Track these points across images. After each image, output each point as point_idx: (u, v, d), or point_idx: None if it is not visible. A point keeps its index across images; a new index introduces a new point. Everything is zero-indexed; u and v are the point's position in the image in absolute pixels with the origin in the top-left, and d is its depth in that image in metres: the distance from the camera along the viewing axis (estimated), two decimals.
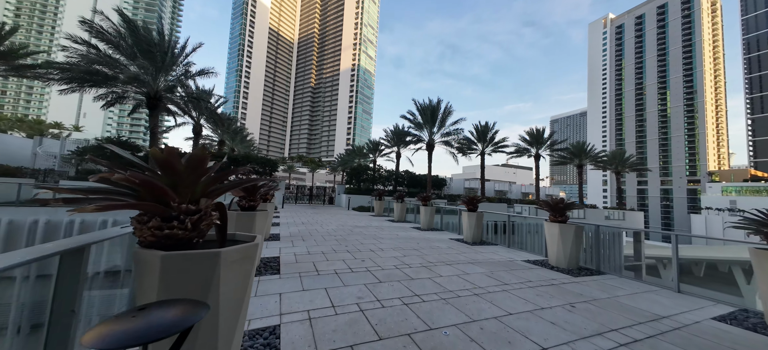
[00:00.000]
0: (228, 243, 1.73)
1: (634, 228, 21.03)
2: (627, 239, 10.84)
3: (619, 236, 5.86)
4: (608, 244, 5.65)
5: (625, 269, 6.51)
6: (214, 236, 1.81)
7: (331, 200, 25.81)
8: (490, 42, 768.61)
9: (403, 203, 12.76)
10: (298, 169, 70.61)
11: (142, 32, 12.13)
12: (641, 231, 16.65)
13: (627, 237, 11.16)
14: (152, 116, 13.65)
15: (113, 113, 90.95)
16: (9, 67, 11.14)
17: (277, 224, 9.14)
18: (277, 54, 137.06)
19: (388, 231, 9.05)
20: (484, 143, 24.78)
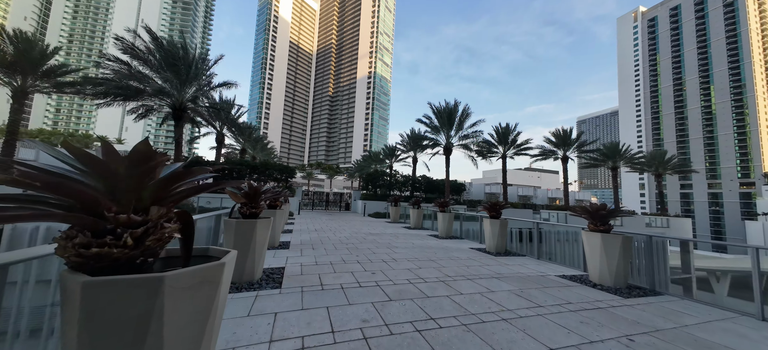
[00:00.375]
0: (193, 261, 1.39)
1: (681, 237, 18.77)
2: (671, 249, 9.50)
3: (665, 247, 4.96)
4: (653, 255, 4.78)
5: (672, 282, 5.54)
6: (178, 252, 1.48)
7: (347, 206, 25.71)
8: (507, 43, 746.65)
9: (420, 209, 12.20)
10: (316, 175, 72.05)
11: (167, 47, 12.78)
12: (691, 241, 14.74)
13: (671, 247, 9.79)
14: (177, 127, 14.28)
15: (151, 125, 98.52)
16: (51, 85, 12.25)
17: (289, 231, 8.97)
18: (297, 66, 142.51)
19: (403, 239, 8.55)
20: (505, 146, 23.56)
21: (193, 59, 13.80)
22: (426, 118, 21.63)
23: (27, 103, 61.11)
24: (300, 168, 70.21)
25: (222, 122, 19.10)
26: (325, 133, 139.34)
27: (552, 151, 26.23)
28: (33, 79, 11.61)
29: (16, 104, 11.52)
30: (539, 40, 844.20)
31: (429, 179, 25.08)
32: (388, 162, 33.34)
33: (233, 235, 3.60)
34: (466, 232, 10.40)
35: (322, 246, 6.65)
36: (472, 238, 9.63)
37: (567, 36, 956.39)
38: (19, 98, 11.53)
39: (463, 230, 10.15)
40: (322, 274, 4.32)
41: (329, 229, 10.27)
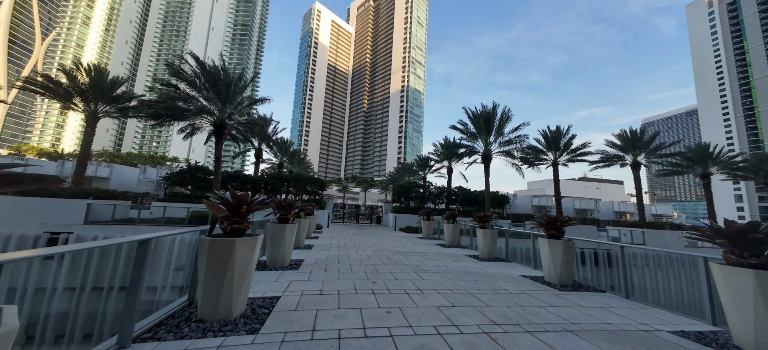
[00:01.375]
0: None
1: None
2: None
3: None
4: None
5: None
6: None
7: (378, 219, 24.82)
8: (549, 47, 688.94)
9: (456, 225, 10.66)
10: (351, 189, 73.23)
11: (208, 69, 13.76)
12: None
13: None
14: (217, 144, 15.14)
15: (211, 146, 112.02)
16: (117, 111, 14.12)
17: (309, 247, 8.28)
18: (334, 86, 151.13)
19: (435, 260, 7.19)
20: (556, 152, 20.47)
21: (232, 79, 14.65)
22: (461, 124, 19.97)
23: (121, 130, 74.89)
24: (336, 182, 72.18)
25: (259, 138, 20.08)
26: (361, 147, 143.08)
27: (618, 156, 22.09)
28: (103, 105, 13.54)
29: (89, 127, 13.46)
30: (587, 39, 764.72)
31: (466, 191, 22.96)
32: (421, 174, 31.86)
33: (206, 258, 2.82)
34: (514, 253, 8.57)
35: (337, 268, 5.71)
36: (522, 261, 7.82)
37: (620, 33, 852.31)
38: (91, 122, 13.48)
39: (510, 251, 8.35)
40: (322, 310, 3.33)
41: (353, 245, 9.36)
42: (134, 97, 14.36)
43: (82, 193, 12.04)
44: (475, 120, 18.40)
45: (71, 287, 3.05)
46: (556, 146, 20.02)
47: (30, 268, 3.62)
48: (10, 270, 1.92)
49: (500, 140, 18.63)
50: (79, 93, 12.83)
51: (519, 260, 7.91)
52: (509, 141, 18.12)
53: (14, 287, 3.14)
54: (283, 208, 5.72)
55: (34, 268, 3.80)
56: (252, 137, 19.25)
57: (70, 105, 13.07)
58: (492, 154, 18.93)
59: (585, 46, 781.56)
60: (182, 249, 3.57)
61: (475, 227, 9.18)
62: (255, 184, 18.80)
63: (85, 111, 13.29)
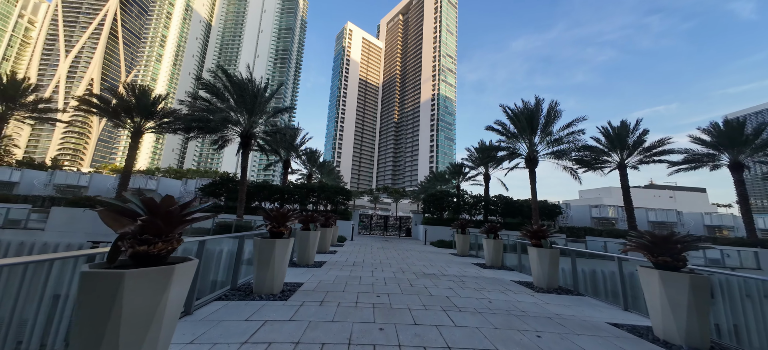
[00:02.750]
0: None
1: None
2: None
3: None
4: None
5: None
6: None
7: (408, 231, 23.10)
8: (596, 44, 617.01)
9: (498, 240, 8.64)
10: (383, 200, 72.54)
11: (235, 80, 13.98)
12: None
13: None
14: (244, 154, 15.25)
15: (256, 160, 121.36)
16: (157, 125, 15.17)
17: (318, 265, 7.12)
18: (365, 99, 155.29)
19: (473, 289, 5.45)
20: (622, 152, 16.79)
21: (258, 89, 14.76)
22: (498, 125, 17.63)
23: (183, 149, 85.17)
24: (367, 193, 72.18)
25: (286, 149, 20.17)
26: (392, 158, 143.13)
27: (709, 155, 17.44)
28: (145, 121, 14.68)
29: (133, 141, 14.59)
30: (641, 32, 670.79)
31: (507, 200, 20.16)
32: (454, 182, 29.50)
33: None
34: (585, 280, 6.36)
35: (339, 298, 4.37)
36: (597, 294, 5.64)
37: (683, 21, 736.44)
38: (135, 137, 14.62)
39: (577, 278, 6.16)
40: None
41: (371, 263, 7.97)
42: (171, 113, 15.33)
43: None
44: (515, 118, 15.99)
45: None
46: (621, 145, 16.42)
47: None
48: None
49: (548, 140, 15.85)
50: (124, 109, 14.11)
51: (594, 294, 5.72)
52: (559, 140, 15.24)
53: None
54: (276, 219, 4.62)
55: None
56: (279, 147, 19.35)
57: (118, 122, 14.45)
58: (538, 157, 16.18)
59: (640, 40, 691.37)
60: None
61: (525, 244, 7.16)
62: (282, 194, 18.71)
63: (131, 127, 14.56)
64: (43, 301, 2.60)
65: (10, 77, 13.95)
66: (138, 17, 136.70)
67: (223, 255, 4.65)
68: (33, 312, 2.56)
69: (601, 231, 18.71)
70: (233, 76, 14.15)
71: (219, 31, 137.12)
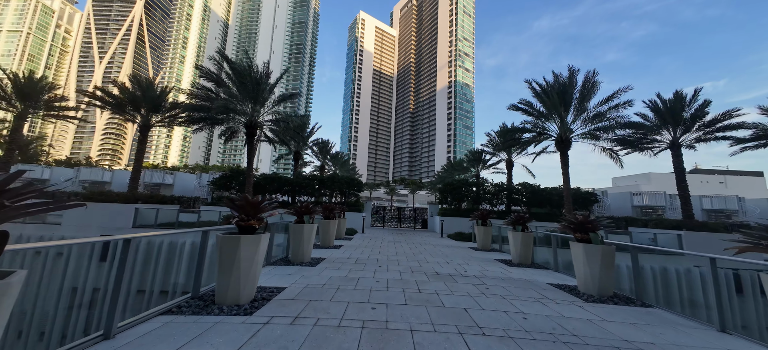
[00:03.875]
0: None
1: None
2: None
3: None
4: None
5: None
6: None
7: (423, 223, 21.89)
8: (631, 18, 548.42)
9: (528, 233, 7.25)
10: (399, 191, 71.53)
11: (235, 66, 13.29)
12: None
13: None
14: (249, 144, 14.69)
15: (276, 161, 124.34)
16: (165, 118, 14.99)
17: (315, 262, 6.19)
18: (380, 90, 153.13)
19: (498, 299, 4.23)
20: (676, 129, 14.27)
21: (260, 77, 14.01)
22: (523, 104, 15.68)
23: (208, 146, 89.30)
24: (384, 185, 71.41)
25: (294, 139, 19.53)
26: (408, 150, 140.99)
27: None
28: (152, 114, 14.56)
29: (142, 135, 14.54)
30: (684, 2, 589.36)
31: (533, 188, 18.26)
32: (473, 171, 27.68)
33: None
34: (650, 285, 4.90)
35: (322, 312, 3.36)
36: (670, 304, 4.22)
37: None
38: (143, 131, 14.56)
39: (643, 282, 4.70)
40: None
41: (378, 260, 6.95)
42: (176, 105, 15.05)
43: (133, 198, 12.66)
44: (544, 94, 14.01)
45: None
46: (676, 120, 13.90)
47: None
48: None
49: (584, 117, 13.77)
50: (131, 102, 14.02)
51: (666, 304, 4.29)
52: (599, 116, 13.10)
53: None
54: (243, 209, 3.66)
55: None
56: (288, 138, 18.72)
57: (126, 116, 14.45)
58: (572, 137, 14.16)
59: (681, 11, 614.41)
60: None
61: (563, 237, 5.78)
62: (292, 186, 18.19)
63: (139, 120, 14.48)
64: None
65: (27, 77, 14.32)
66: (161, 21, 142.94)
67: (185, 254, 3.79)
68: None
69: (647, 221, 16.39)
70: (234, 63, 13.48)
71: (236, 30, 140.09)
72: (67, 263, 10.71)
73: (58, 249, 10.93)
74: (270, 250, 5.81)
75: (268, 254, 5.79)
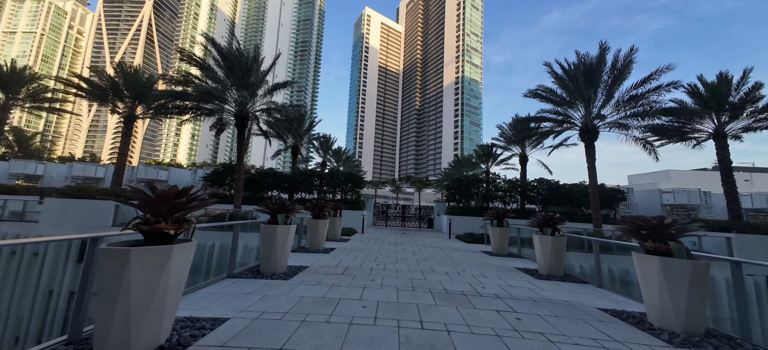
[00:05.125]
0: None
1: None
2: None
3: None
4: None
5: None
6: None
7: (430, 222, 20.47)
8: (645, 10, 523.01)
9: (560, 237, 5.79)
10: (405, 189, 70.05)
11: (224, 51, 12.12)
12: None
13: None
14: (240, 136, 13.56)
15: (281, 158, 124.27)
16: (150, 110, 13.96)
17: (294, 272, 4.90)
18: (386, 87, 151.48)
19: (540, 343, 2.83)
20: (721, 116, 12.40)
21: (250, 60, 12.82)
22: (542, 90, 14.00)
23: (216, 146, 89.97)
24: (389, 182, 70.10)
25: (292, 133, 18.35)
26: (414, 147, 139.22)
27: None
28: (137, 104, 13.60)
29: (126, 127, 13.59)
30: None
31: (550, 184, 16.60)
32: (482, 166, 26.07)
33: None
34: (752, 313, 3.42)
35: None
36: None
37: None
38: (128, 123, 13.61)
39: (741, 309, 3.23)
40: None
41: (373, 270, 5.62)
42: (164, 94, 13.93)
43: (113, 194, 11.69)
44: (569, 78, 12.33)
45: None
46: (720, 105, 12.03)
47: None
48: None
49: (613, 102, 12.04)
50: (113, 90, 13.04)
51: None
52: (635, 98, 11.31)
53: None
54: (153, 206, 2.37)
55: None
56: (284, 132, 17.53)
57: (109, 106, 13.50)
58: (598, 127, 12.45)
59: (698, 3, 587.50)
60: None
61: (608, 243, 4.34)
62: (290, 182, 17.05)
63: (123, 111, 13.49)
64: None
65: (10, 67, 13.55)
66: (170, 20, 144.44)
67: None
68: None
69: None
70: (221, 47, 12.31)
71: (242, 28, 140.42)
72: (43, 263, 9.84)
73: (34, 249, 10.06)
74: (234, 259, 4.56)
75: (231, 265, 4.54)
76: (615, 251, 6.74)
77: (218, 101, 12.46)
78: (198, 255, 7.81)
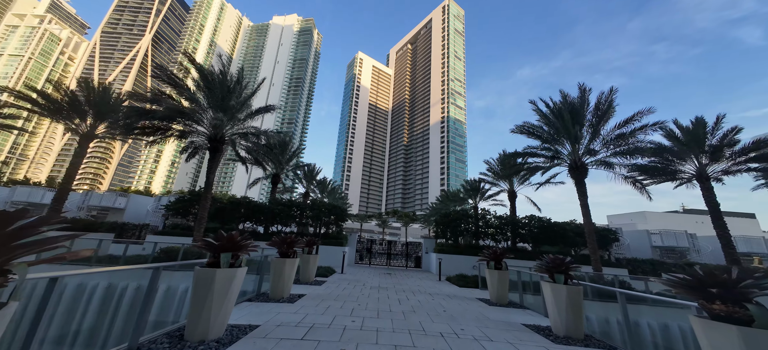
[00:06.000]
0: None
1: None
2: None
3: None
4: None
5: None
6: None
7: (417, 261, 18.96)
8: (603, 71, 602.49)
9: (575, 287, 4.79)
10: (391, 224, 68.05)
11: (204, 71, 11.45)
12: None
13: None
14: (211, 160, 12.34)
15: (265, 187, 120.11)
16: (116, 127, 12.58)
17: (230, 341, 3.54)
18: (375, 123, 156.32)
19: None
20: (702, 156, 12.61)
21: (232, 81, 12.17)
22: (529, 127, 14.07)
23: (197, 172, 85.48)
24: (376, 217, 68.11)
25: (273, 161, 17.27)
26: (401, 182, 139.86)
27: None
28: (99, 123, 12.25)
29: (80, 147, 12.05)
30: (648, 59, 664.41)
31: (543, 222, 15.98)
32: (470, 202, 25.50)
33: None
34: None
35: None
36: None
37: (691, 48, 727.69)
38: (84, 142, 12.10)
39: None
40: None
41: (347, 332, 4.29)
42: (129, 113, 12.60)
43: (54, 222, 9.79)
44: (554, 116, 12.41)
45: None
46: (700, 147, 12.29)
47: None
48: None
49: (599, 141, 12.04)
50: (70, 105, 11.66)
51: None
52: (622, 137, 11.33)
53: None
54: None
55: None
56: (264, 159, 16.44)
57: (65, 123, 12.01)
58: (587, 163, 12.28)
59: (648, 66, 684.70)
60: None
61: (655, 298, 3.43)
62: (267, 213, 15.50)
63: (85, 129, 11.90)
64: None
65: None
66: (167, 53, 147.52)
67: None
68: None
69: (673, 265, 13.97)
70: (201, 66, 11.67)
71: (238, 63, 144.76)
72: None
73: None
74: (144, 318, 3.21)
75: (139, 328, 3.18)
76: (639, 301, 5.76)
77: (190, 122, 11.43)
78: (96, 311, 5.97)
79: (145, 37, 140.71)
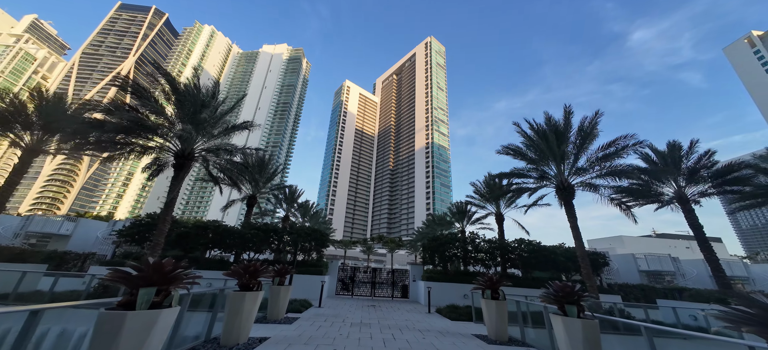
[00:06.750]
0: None
1: None
2: None
3: None
4: None
5: None
6: None
7: (404, 290, 17.62)
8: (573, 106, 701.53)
9: (591, 322, 4.06)
10: (377, 250, 65.66)
11: (173, 82, 10.60)
12: None
13: None
14: (175, 178, 11.07)
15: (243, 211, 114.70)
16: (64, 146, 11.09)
17: None
18: (361, 149, 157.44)
19: None
20: (677, 179, 12.91)
21: (209, 97, 11.35)
22: (514, 148, 14.06)
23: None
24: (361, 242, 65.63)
25: (249, 181, 16.05)
26: (387, 207, 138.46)
27: None
28: (47, 137, 10.77)
29: (21, 162, 10.40)
30: (607, 97, 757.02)
31: (533, 246, 15.48)
32: (458, 225, 24.91)
33: None
34: None
35: None
36: None
37: (642, 88, 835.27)
38: (27, 157, 10.47)
39: None
40: None
41: None
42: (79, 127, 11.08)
43: None
44: (538, 137, 12.43)
45: None
46: (677, 168, 12.62)
47: None
48: None
49: (585, 161, 12.07)
50: (14, 116, 10.14)
51: None
52: (607, 157, 11.38)
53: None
54: None
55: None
56: (239, 178, 15.20)
57: (8, 136, 10.39)
58: (574, 185, 12.17)
59: (607, 103, 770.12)
60: None
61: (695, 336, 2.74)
62: (236, 238, 13.97)
63: (21, 142, 10.32)
64: None
65: None
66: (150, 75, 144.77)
67: None
68: None
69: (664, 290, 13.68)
70: (169, 73, 10.85)
71: (225, 87, 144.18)
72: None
73: None
74: None
75: None
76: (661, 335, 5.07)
77: (151, 136, 10.31)
78: None
79: (129, 59, 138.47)
